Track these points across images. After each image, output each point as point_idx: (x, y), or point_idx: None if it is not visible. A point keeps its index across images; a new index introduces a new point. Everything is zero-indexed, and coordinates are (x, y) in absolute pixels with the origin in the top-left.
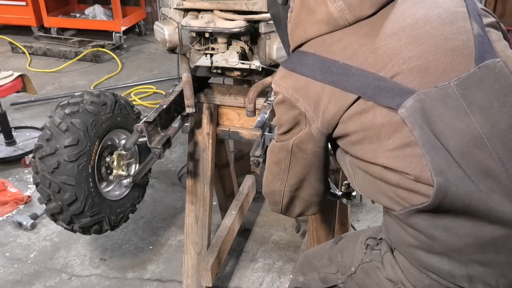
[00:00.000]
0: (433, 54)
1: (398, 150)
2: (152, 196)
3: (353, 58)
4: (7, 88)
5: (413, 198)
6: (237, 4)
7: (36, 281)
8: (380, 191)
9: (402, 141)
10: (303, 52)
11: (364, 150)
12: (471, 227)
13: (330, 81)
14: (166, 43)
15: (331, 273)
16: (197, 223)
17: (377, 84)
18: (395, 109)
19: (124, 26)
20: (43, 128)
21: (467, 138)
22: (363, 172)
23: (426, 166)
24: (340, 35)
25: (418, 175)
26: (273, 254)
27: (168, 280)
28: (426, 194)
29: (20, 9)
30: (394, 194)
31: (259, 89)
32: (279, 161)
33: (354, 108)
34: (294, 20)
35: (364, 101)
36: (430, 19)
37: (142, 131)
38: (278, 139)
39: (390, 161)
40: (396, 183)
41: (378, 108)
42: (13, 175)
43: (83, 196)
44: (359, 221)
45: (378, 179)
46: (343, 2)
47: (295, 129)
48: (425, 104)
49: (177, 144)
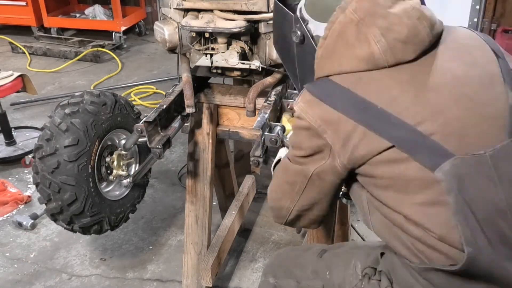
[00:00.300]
0: (472, 119)
1: (426, 206)
2: (152, 196)
3: (392, 105)
4: (7, 88)
5: (432, 255)
6: (237, 4)
7: (36, 281)
8: (397, 239)
9: (432, 198)
10: (335, 83)
11: (389, 197)
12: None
13: (366, 123)
14: (166, 43)
15: (315, 287)
16: (197, 223)
17: (415, 139)
18: (431, 169)
19: (124, 26)
20: (43, 128)
21: (494, 209)
22: (382, 215)
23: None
24: (378, 75)
25: (444, 235)
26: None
27: (168, 280)
28: (449, 255)
29: (20, 9)
30: (412, 245)
31: (259, 89)
32: (293, 182)
33: (386, 154)
34: (327, 49)
35: (399, 152)
36: (471, 80)
37: (142, 131)
38: (294, 161)
39: (416, 215)
40: (417, 237)
41: (412, 163)
42: (13, 175)
43: (83, 196)
44: (359, 221)
45: (398, 227)
46: (386, 43)
47: (315, 156)
48: (461, 170)
49: (177, 144)
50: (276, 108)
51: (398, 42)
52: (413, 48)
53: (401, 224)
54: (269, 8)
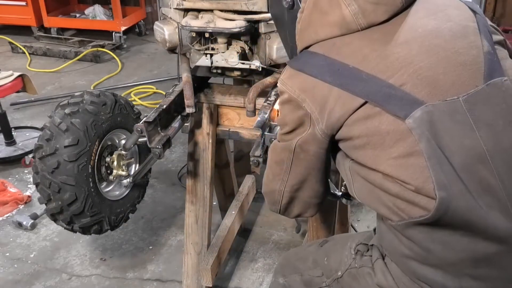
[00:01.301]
0: (443, 67)
1: (401, 158)
2: (152, 196)
3: (363, 63)
4: (7, 88)
5: (412, 211)
6: (237, 4)
7: (36, 281)
8: (378, 200)
9: (406, 150)
10: (312, 52)
11: (367, 156)
12: (467, 243)
13: (339, 83)
14: (166, 43)
15: (316, 276)
16: (197, 223)
17: (386, 91)
18: (403, 118)
19: (124, 26)
20: (43, 128)
21: (471, 154)
22: (363, 179)
23: (428, 178)
24: (351, 39)
25: (420, 186)
26: (273, 254)
27: (168, 280)
28: (426, 207)
29: (20, 9)
30: (392, 204)
31: (259, 89)
32: (281, 161)
33: (360, 112)
34: (304, 21)
35: (371, 107)
36: (442, 31)
37: (142, 131)
38: (280, 139)
39: (392, 169)
40: (396, 194)
41: (384, 115)
42: (13, 175)
43: (83, 196)
44: (359, 221)
45: (378, 188)
46: (357, 6)
47: (298, 129)
48: (433, 117)
49: (177, 144)
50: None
51: (369, 4)
52: (384, 8)
53: (381, 184)
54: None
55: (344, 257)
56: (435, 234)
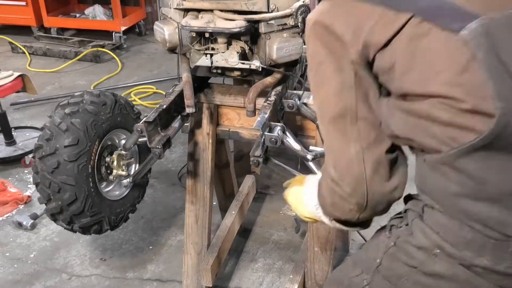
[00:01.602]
0: None
1: (455, 76)
2: (152, 196)
3: None
4: (7, 88)
5: (466, 136)
6: (237, 4)
7: (36, 281)
8: (424, 132)
9: (460, 66)
10: None
11: (413, 80)
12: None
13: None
14: (166, 43)
15: (355, 275)
16: (197, 223)
17: (436, 4)
18: (457, 31)
19: (124, 26)
20: (43, 128)
21: None
22: (405, 113)
23: (487, 91)
24: None
25: (477, 103)
26: (273, 254)
27: (168, 280)
28: (481, 130)
29: (20, 9)
30: (441, 133)
31: (259, 89)
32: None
33: (406, 31)
34: None
35: (419, 25)
36: None
37: (142, 131)
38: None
39: (445, 89)
40: (447, 120)
41: (434, 32)
42: (13, 175)
43: (83, 196)
44: None
45: (424, 119)
46: None
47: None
48: (490, 30)
49: (177, 144)
50: (276, 108)
51: None
52: None
53: (428, 113)
54: (269, 8)
55: (380, 242)
56: (491, 160)
